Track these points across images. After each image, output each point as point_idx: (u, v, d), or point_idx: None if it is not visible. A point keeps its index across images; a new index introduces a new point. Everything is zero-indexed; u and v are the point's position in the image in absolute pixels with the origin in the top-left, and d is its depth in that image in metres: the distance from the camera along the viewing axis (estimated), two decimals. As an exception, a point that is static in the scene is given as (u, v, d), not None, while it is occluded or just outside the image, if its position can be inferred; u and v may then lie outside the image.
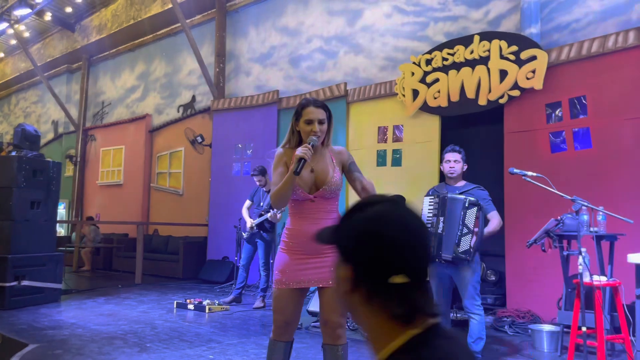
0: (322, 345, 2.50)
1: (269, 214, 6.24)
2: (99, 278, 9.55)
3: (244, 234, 6.58)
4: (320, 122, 2.44)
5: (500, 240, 6.11)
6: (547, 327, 4.51)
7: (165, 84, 11.88)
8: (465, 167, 3.91)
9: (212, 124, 9.77)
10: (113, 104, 13.31)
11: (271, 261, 6.70)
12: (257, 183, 6.59)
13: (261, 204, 6.53)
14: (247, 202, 6.69)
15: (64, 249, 10.59)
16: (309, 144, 2.36)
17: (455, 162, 3.86)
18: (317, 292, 5.89)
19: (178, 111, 11.42)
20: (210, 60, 10.37)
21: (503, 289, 6.20)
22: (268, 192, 6.59)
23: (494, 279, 6.51)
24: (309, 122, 2.43)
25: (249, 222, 6.46)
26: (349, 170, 2.55)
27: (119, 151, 12.58)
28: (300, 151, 2.32)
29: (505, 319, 5.52)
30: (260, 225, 6.40)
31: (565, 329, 4.31)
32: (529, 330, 4.69)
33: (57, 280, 6.50)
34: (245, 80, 10.09)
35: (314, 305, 5.75)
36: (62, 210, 14.02)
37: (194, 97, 11.11)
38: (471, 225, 3.57)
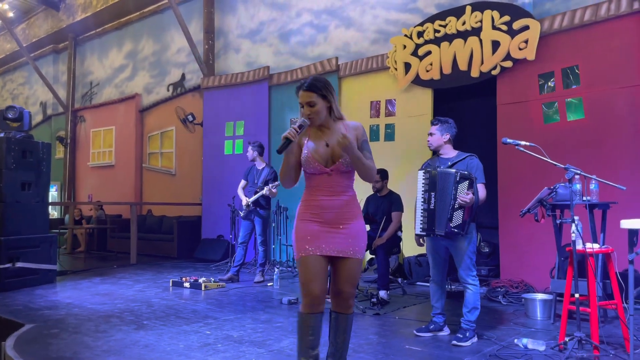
0: (330, 312, 2.56)
1: (264, 190, 6.26)
2: (93, 259, 9.55)
3: (240, 212, 6.59)
4: (310, 105, 2.47)
5: (494, 212, 6.14)
6: (540, 296, 4.57)
7: (154, 63, 11.71)
8: (447, 137, 3.83)
9: (203, 102, 9.67)
10: (101, 84, 13.12)
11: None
12: (247, 153, 6.65)
13: (255, 181, 6.53)
14: (242, 182, 6.69)
15: (57, 231, 10.55)
16: (297, 125, 2.43)
17: (430, 135, 3.86)
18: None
19: (168, 90, 11.28)
20: (199, 37, 10.20)
21: (497, 260, 6.26)
22: (261, 169, 6.59)
23: (487, 250, 6.57)
24: (301, 105, 2.51)
25: (244, 199, 6.46)
26: (360, 147, 2.56)
27: (110, 132, 12.46)
28: (285, 132, 2.41)
29: (499, 289, 5.58)
30: (256, 202, 6.40)
31: (558, 298, 4.36)
32: (523, 300, 4.74)
33: (51, 262, 6.48)
34: (235, 57, 9.96)
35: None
36: (54, 193, 13.93)
37: (183, 76, 10.97)
38: (463, 199, 3.56)
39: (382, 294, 5.09)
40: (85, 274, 7.38)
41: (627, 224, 2.77)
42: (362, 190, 6.82)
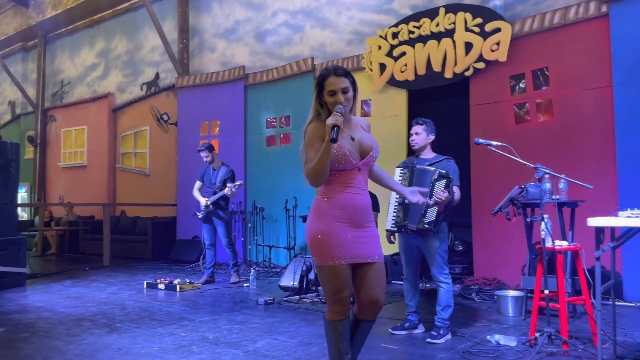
0: (356, 321, 2.44)
1: (226, 190, 6.20)
2: (65, 261, 9.35)
3: (198, 214, 6.49)
4: (344, 91, 2.32)
5: (467, 210, 6.23)
6: (512, 293, 4.66)
7: (127, 62, 11.53)
8: (432, 138, 3.91)
9: (177, 102, 9.57)
10: (73, 83, 12.86)
11: (235, 234, 6.55)
12: (205, 159, 6.50)
13: (213, 182, 6.47)
14: (198, 183, 6.61)
15: (27, 233, 10.30)
16: (337, 112, 2.26)
17: (416, 134, 3.90)
18: (288, 268, 5.93)
19: (142, 89, 11.12)
20: (174, 36, 10.09)
21: (470, 258, 6.36)
22: (217, 169, 6.50)
23: (461, 249, 6.66)
24: (332, 93, 2.32)
25: (203, 200, 6.38)
26: None
27: (81, 132, 12.22)
28: (331, 120, 2.20)
29: (472, 287, 5.67)
30: (215, 204, 6.34)
31: (529, 294, 4.46)
32: (495, 297, 4.83)
33: (21, 265, 6.33)
34: (210, 57, 9.88)
35: (285, 280, 5.79)
36: (23, 194, 13.60)
37: (157, 75, 10.83)
38: (439, 197, 3.61)
39: (358, 293, 5.11)
40: (56, 277, 7.22)
41: (593, 221, 2.85)
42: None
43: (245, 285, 6.25)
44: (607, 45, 5.39)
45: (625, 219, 2.74)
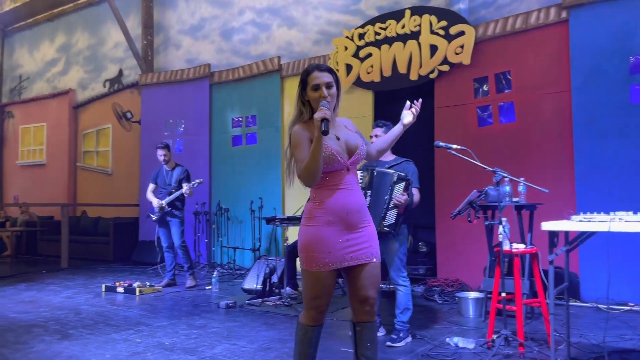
0: (354, 324, 2.40)
1: (185, 189, 6.05)
2: (21, 264, 9.02)
3: (152, 216, 6.31)
4: (328, 86, 2.28)
5: (431, 212, 6.27)
6: (472, 295, 4.70)
7: (89, 57, 11.20)
8: None
9: (141, 100, 9.34)
10: (32, 78, 12.43)
11: (200, 235, 6.34)
12: (162, 157, 6.27)
13: (168, 182, 6.31)
14: (151, 186, 6.41)
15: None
16: (323, 107, 2.19)
17: (375, 136, 3.89)
18: (251, 270, 5.84)
19: (104, 86, 10.82)
20: (137, 32, 9.85)
21: (434, 260, 6.40)
22: (171, 170, 6.35)
23: (425, 250, 6.70)
24: (316, 87, 2.28)
25: (156, 202, 6.20)
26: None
27: (40, 129, 11.81)
28: (319, 114, 2.13)
29: (435, 288, 5.70)
30: (171, 204, 6.19)
31: (488, 295, 4.50)
32: (457, 298, 4.87)
33: (-30, 268, 6.05)
34: (175, 54, 9.69)
35: (249, 282, 5.70)
36: (-21, 193, 13.07)
37: (121, 71, 10.56)
38: (398, 200, 3.61)
39: (321, 295, 5.08)
40: (10, 280, 6.95)
41: (547, 226, 2.88)
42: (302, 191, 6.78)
43: (207, 287, 6.13)
44: (566, 51, 5.50)
45: (577, 223, 2.78)
